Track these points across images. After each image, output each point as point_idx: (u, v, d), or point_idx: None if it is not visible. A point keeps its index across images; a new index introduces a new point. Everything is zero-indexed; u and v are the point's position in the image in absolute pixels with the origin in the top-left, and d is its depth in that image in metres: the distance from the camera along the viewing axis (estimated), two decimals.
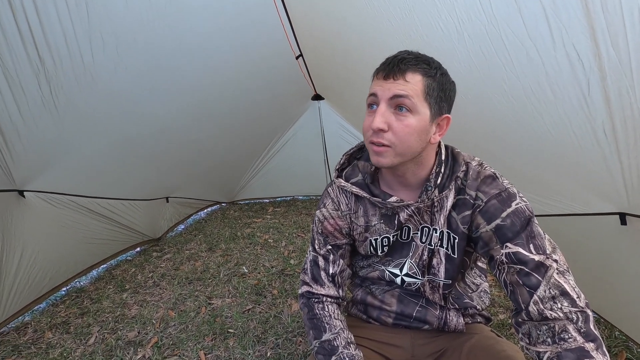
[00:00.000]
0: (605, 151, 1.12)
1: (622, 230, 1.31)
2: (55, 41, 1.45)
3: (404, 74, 0.73)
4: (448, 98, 0.78)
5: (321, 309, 0.92)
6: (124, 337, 1.76)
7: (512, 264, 0.75)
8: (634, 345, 1.46)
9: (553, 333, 0.69)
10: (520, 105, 1.24)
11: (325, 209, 0.94)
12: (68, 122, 1.77)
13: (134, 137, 2.22)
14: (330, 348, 0.86)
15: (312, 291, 0.94)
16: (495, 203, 0.78)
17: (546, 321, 0.70)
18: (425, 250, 0.88)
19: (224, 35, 2.00)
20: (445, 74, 0.77)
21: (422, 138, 0.76)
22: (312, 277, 0.95)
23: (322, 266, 0.94)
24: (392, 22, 1.40)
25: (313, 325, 0.91)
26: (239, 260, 2.58)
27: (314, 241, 0.97)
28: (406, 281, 0.93)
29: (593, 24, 0.80)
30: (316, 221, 0.96)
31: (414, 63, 0.74)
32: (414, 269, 0.91)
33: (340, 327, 0.89)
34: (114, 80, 1.77)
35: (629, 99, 0.88)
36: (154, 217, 3.05)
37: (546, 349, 0.69)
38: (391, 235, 0.89)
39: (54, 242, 2.13)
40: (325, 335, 0.88)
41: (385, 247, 0.92)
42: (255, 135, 3.28)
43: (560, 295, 0.70)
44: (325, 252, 0.94)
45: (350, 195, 0.92)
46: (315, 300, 0.93)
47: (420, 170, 0.83)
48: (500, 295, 1.90)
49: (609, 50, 0.82)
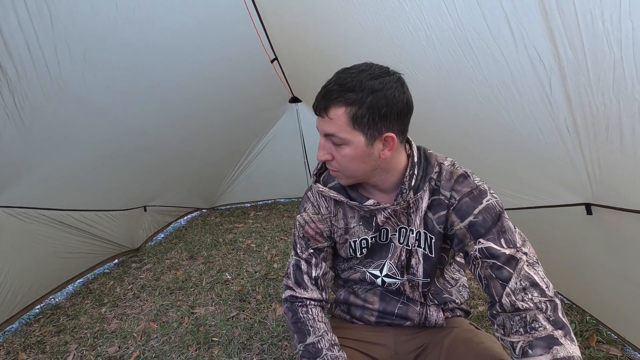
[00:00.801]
0: (568, 146, 1.17)
1: (588, 220, 1.38)
2: (17, 49, 1.39)
3: (327, 110, 0.76)
4: (385, 116, 0.75)
5: (305, 313, 0.92)
6: (104, 353, 1.70)
7: (485, 259, 0.78)
8: (604, 328, 1.54)
9: (525, 323, 0.73)
10: (489, 104, 1.28)
11: (306, 213, 0.95)
12: (36, 133, 1.70)
13: (107, 145, 2.15)
14: (314, 351, 0.86)
15: (295, 295, 0.95)
16: (468, 201, 0.82)
17: (518, 312, 0.74)
18: (403, 251, 0.91)
19: (197, 39, 1.97)
20: (378, 94, 0.73)
21: (365, 161, 0.80)
22: (295, 281, 0.96)
23: (304, 270, 0.95)
24: (363, 26, 1.42)
25: (297, 329, 0.91)
26: (222, 267, 2.55)
27: (296, 245, 0.97)
28: (386, 282, 0.95)
29: (551, 26, 0.84)
30: (297, 225, 0.97)
31: (336, 96, 0.74)
32: (393, 270, 0.93)
33: (324, 330, 0.90)
34: (83, 88, 1.71)
35: (587, 97, 0.93)
36: (131, 227, 2.96)
37: (519, 338, 0.73)
38: (369, 237, 0.91)
39: (25, 258, 2.04)
40: (310, 338, 0.89)
41: (364, 249, 0.93)
42: (234, 138, 3.25)
43: (531, 286, 0.74)
44: (307, 255, 0.95)
45: (330, 199, 0.93)
46: (299, 304, 0.94)
47: (389, 176, 0.86)
48: (479, 288, 1.96)
49: (567, 51, 0.86)
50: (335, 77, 0.77)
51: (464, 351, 0.87)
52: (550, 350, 0.68)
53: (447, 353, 0.89)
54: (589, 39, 0.80)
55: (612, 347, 1.44)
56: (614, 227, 1.30)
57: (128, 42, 1.71)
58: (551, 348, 0.68)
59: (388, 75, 0.76)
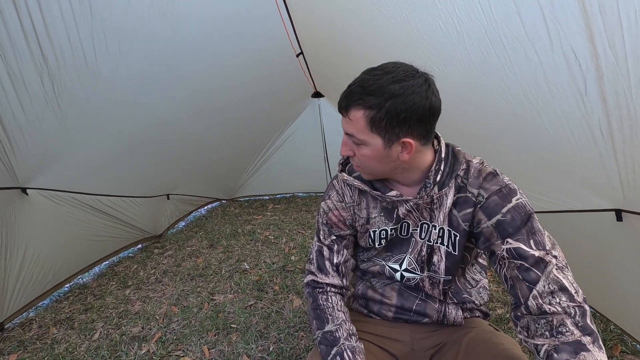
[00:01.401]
0: (601, 149, 1.14)
1: (617, 227, 1.34)
2: (59, 39, 1.46)
3: (348, 111, 0.79)
4: (404, 122, 0.75)
5: (325, 300, 0.94)
6: (128, 333, 1.78)
7: (512, 259, 0.76)
8: (629, 338, 1.49)
9: (551, 327, 0.71)
10: (519, 104, 1.26)
11: (330, 200, 0.97)
12: (70, 120, 1.78)
13: (134, 134, 2.23)
14: (332, 339, 0.88)
15: (317, 280, 0.97)
16: (496, 199, 0.80)
17: (544, 315, 0.72)
18: (424, 246, 0.91)
19: (225, 32, 2.01)
20: (397, 99, 0.73)
21: (384, 161, 0.82)
22: (317, 266, 0.98)
23: (326, 256, 0.97)
24: (392, 22, 1.41)
25: (317, 315, 0.93)
26: (240, 257, 2.61)
27: (319, 232, 1.00)
28: (405, 276, 0.95)
29: (590, 25, 0.82)
30: (321, 212, 0.99)
31: (357, 98, 0.76)
32: (412, 265, 0.93)
33: (342, 319, 0.91)
34: (116, 78, 1.78)
35: (626, 98, 0.90)
36: (154, 214, 3.06)
37: (544, 342, 0.71)
38: (389, 229, 0.92)
39: (56, 239, 2.15)
40: (328, 326, 0.90)
41: (382, 240, 0.94)
42: (255, 131, 3.29)
43: (559, 291, 0.72)
44: (329, 242, 0.98)
45: (354, 188, 0.95)
46: (319, 291, 0.96)
47: (412, 174, 0.86)
48: (498, 290, 1.93)
49: (607, 51, 0.84)
50: (359, 78, 0.78)
51: (482, 351, 0.86)
52: (577, 355, 0.67)
53: (465, 352, 0.88)
54: (631, 39, 0.78)
55: (637, 358, 1.40)
56: None
57: (159, 34, 1.77)
58: (578, 354, 0.67)
59: (413, 78, 0.75)
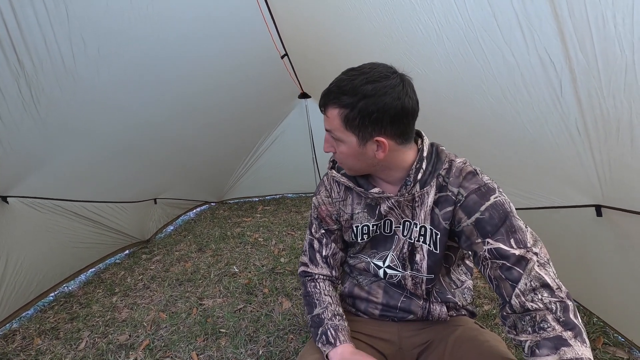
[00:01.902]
0: (579, 147, 1.16)
1: (598, 222, 1.37)
2: (35, 43, 1.42)
3: (325, 109, 0.83)
4: (376, 121, 0.77)
5: (313, 287, 1.02)
6: (115, 341, 1.76)
7: (494, 259, 0.78)
8: (611, 330, 1.53)
9: (534, 323, 0.73)
10: (499, 105, 1.27)
11: (320, 196, 1.03)
12: (51, 125, 1.75)
13: (118, 138, 2.20)
14: (318, 321, 0.95)
15: (307, 270, 1.05)
16: (475, 197, 0.81)
17: (528, 312, 0.74)
18: (406, 243, 0.92)
19: (207, 33, 1.99)
20: (369, 99, 0.75)
21: (360, 159, 0.85)
22: (309, 258, 1.06)
23: (316, 248, 1.05)
24: (373, 24, 1.42)
25: (307, 302, 1.01)
26: (230, 260, 2.59)
27: (311, 225, 1.07)
28: (388, 273, 0.97)
29: (562, 28, 0.84)
30: (312, 207, 1.06)
31: (333, 97, 0.80)
32: (395, 262, 0.95)
33: (328, 302, 0.98)
34: (97, 81, 1.75)
35: (598, 99, 0.92)
36: (142, 219, 3.02)
37: (527, 337, 0.73)
38: (371, 225, 0.95)
39: (40, 247, 2.11)
40: (316, 310, 0.97)
41: (365, 235, 0.97)
42: (243, 133, 3.27)
43: (541, 287, 0.73)
44: (319, 235, 1.05)
45: (342, 185, 0.99)
46: (308, 279, 1.04)
47: (394, 172, 0.88)
48: (485, 287, 1.96)
49: (578, 53, 0.85)
50: (337, 78, 0.82)
51: (468, 349, 0.88)
52: (557, 351, 0.68)
53: (451, 350, 0.90)
54: (600, 42, 0.80)
55: (619, 350, 1.44)
56: (624, 229, 1.29)
57: (140, 36, 1.74)
58: (558, 349, 0.68)
59: (387, 79, 0.76)
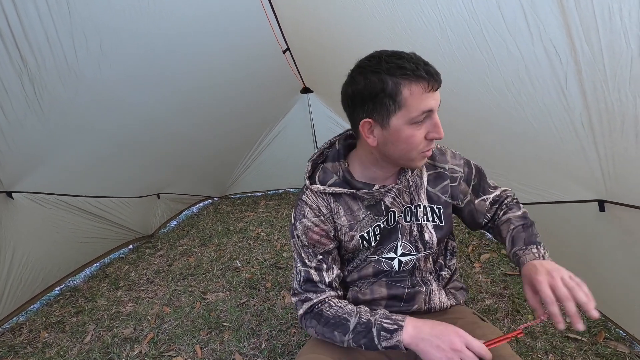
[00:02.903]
0: (583, 142, 1.15)
1: (601, 217, 1.37)
2: (37, 40, 1.43)
3: (437, 87, 0.81)
4: (357, 105, 0.80)
5: (329, 308, 0.88)
6: (119, 334, 1.78)
7: (494, 206, 1.00)
8: (612, 325, 1.53)
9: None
10: (503, 98, 1.27)
11: (306, 218, 0.91)
12: (54, 122, 1.76)
13: (121, 133, 2.20)
14: (363, 329, 0.82)
15: (313, 303, 0.91)
16: (467, 169, 0.97)
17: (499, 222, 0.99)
18: (414, 226, 0.93)
19: (209, 29, 1.98)
20: (350, 81, 0.80)
21: None
22: (308, 294, 0.91)
23: (316, 279, 0.91)
24: (376, 17, 1.41)
25: (334, 326, 0.86)
26: (232, 255, 2.61)
27: (301, 256, 0.93)
28: (403, 261, 0.95)
29: (568, 20, 0.82)
30: (298, 235, 0.92)
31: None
32: (408, 247, 0.95)
33: (356, 309, 0.87)
34: (99, 78, 1.75)
35: (603, 92, 0.91)
36: (145, 214, 3.04)
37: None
38: (381, 222, 0.92)
39: (45, 242, 2.13)
40: (352, 322, 0.84)
41: (377, 236, 0.93)
42: (245, 128, 3.27)
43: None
44: (316, 264, 0.92)
45: (328, 197, 0.92)
46: (319, 307, 0.90)
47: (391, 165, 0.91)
48: (487, 282, 1.96)
49: (583, 45, 0.84)
50: (417, 57, 0.78)
51: None
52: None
53: None
54: (606, 34, 0.79)
55: (620, 344, 1.44)
56: (627, 224, 1.28)
57: (142, 32, 1.74)
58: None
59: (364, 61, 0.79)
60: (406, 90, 0.73)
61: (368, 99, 0.77)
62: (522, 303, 1.74)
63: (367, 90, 0.76)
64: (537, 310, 0.77)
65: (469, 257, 2.23)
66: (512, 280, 1.94)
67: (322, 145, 0.98)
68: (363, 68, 0.77)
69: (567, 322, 1.45)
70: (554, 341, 1.49)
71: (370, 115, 0.78)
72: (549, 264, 0.76)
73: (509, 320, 1.64)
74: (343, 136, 0.96)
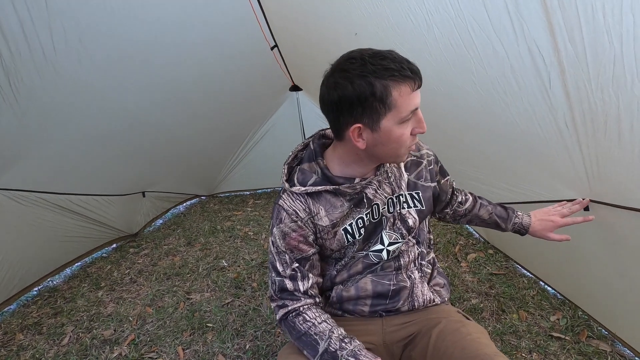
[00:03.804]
0: (567, 141, 1.16)
1: (584, 216, 1.37)
2: (12, 31, 1.37)
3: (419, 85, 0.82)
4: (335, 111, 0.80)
5: (302, 322, 0.88)
6: (99, 336, 1.73)
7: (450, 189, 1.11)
8: (595, 323, 1.55)
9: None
10: (489, 96, 1.26)
11: (283, 224, 0.89)
12: (31, 116, 1.70)
13: (104, 129, 2.14)
14: (331, 357, 0.83)
15: (288, 310, 0.90)
16: (433, 152, 1.05)
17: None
18: (397, 216, 0.94)
19: (194, 22, 1.94)
20: (333, 86, 0.77)
21: None
22: (284, 300, 0.91)
23: (291, 288, 0.90)
24: (364, 13, 1.39)
25: (304, 344, 0.87)
26: (219, 254, 2.57)
27: (275, 265, 0.91)
28: (390, 250, 0.95)
29: (551, 19, 0.82)
30: (275, 241, 0.90)
31: None
32: (393, 236, 0.94)
33: (329, 330, 0.86)
34: (79, 72, 1.70)
35: (586, 92, 0.91)
36: (130, 213, 2.97)
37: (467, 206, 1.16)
38: (364, 215, 0.91)
39: (23, 241, 2.06)
40: (320, 346, 0.84)
41: (361, 229, 0.91)
42: (233, 126, 3.23)
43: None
44: (291, 272, 0.90)
45: (307, 200, 0.89)
46: (293, 315, 0.89)
47: None
48: (473, 281, 1.97)
49: (567, 45, 0.84)
50: (401, 57, 0.78)
51: (452, 341, 0.88)
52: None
53: (435, 343, 0.90)
54: (589, 33, 0.78)
55: (602, 343, 1.45)
56: (610, 223, 1.30)
57: (124, 25, 1.69)
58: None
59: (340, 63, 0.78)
60: (395, 91, 0.73)
61: (357, 104, 0.74)
62: (507, 302, 1.75)
63: (355, 95, 0.74)
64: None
65: (456, 256, 2.24)
66: (498, 279, 1.95)
67: (295, 148, 0.97)
68: (347, 72, 0.74)
69: (551, 321, 1.46)
70: (537, 340, 1.50)
71: (360, 120, 0.76)
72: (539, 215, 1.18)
73: (494, 320, 1.65)
74: (317, 136, 0.96)
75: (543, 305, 1.71)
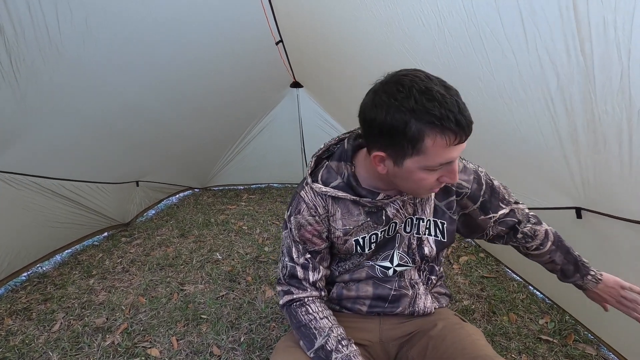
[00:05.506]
0: (566, 150, 1.19)
1: (577, 224, 1.42)
2: (17, 8, 1.34)
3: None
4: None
5: (305, 314, 0.89)
6: (91, 324, 1.71)
7: (499, 226, 0.99)
8: (582, 328, 1.60)
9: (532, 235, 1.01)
10: (494, 103, 1.29)
11: (301, 215, 0.89)
12: (30, 97, 1.66)
13: (102, 115, 2.11)
14: (324, 355, 0.84)
15: (293, 298, 0.91)
16: (475, 186, 0.93)
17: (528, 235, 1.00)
18: (413, 238, 0.92)
19: (200, 15, 1.92)
20: (371, 105, 0.72)
21: None
22: (293, 286, 0.92)
23: (301, 276, 0.91)
24: (374, 13, 1.41)
25: (302, 334, 0.88)
26: (213, 247, 2.56)
27: (291, 250, 0.92)
28: (397, 271, 0.95)
29: (565, 30, 0.85)
30: (291, 228, 0.91)
31: None
32: (404, 258, 0.94)
33: (329, 328, 0.86)
34: (83, 54, 1.67)
35: (591, 103, 0.95)
36: (123, 201, 2.93)
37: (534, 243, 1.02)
38: (379, 232, 0.90)
39: (13, 225, 2.02)
40: (317, 342, 0.85)
41: (372, 245, 0.91)
42: (231, 119, 3.21)
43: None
44: (304, 261, 0.91)
45: (327, 198, 0.89)
46: (297, 304, 0.90)
47: None
48: (465, 283, 2.01)
49: (578, 56, 0.87)
50: (457, 102, 0.70)
51: (451, 342, 0.90)
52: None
53: (434, 343, 0.91)
54: (599, 45, 0.81)
55: (588, 347, 1.50)
56: (602, 232, 1.34)
57: (130, 13, 1.67)
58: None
59: (379, 85, 0.72)
60: (429, 139, 0.67)
61: (387, 135, 0.70)
62: (498, 305, 1.79)
63: (386, 125, 0.69)
64: None
65: (448, 258, 2.28)
66: (489, 282, 2.00)
67: (328, 141, 0.93)
68: (389, 97, 0.68)
69: (540, 324, 1.49)
70: (527, 342, 1.54)
71: (385, 150, 0.73)
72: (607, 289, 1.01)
73: (485, 321, 1.68)
74: (353, 135, 0.90)
75: (532, 309, 1.76)
